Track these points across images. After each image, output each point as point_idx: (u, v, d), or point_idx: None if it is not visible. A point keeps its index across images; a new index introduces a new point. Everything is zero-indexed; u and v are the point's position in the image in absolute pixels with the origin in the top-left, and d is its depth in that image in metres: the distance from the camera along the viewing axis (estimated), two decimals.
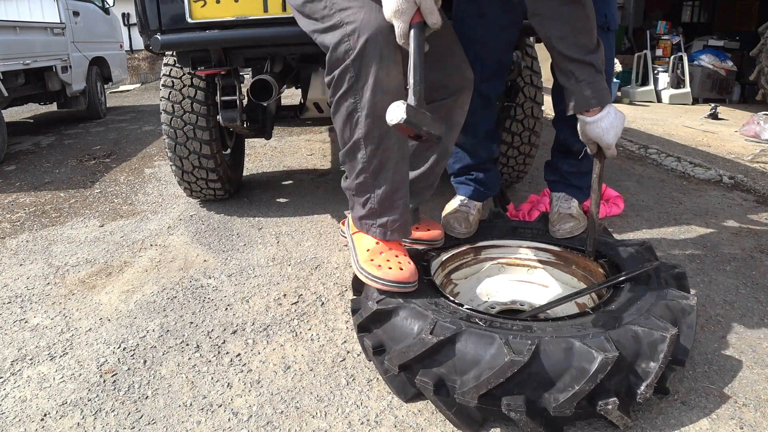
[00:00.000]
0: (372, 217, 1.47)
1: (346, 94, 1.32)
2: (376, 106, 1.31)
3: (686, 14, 9.36)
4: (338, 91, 1.33)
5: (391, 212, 1.45)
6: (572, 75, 1.45)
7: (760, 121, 4.41)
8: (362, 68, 1.28)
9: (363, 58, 1.26)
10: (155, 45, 2.04)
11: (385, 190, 1.43)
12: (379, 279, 1.38)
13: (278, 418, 1.31)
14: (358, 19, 1.25)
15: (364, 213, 1.48)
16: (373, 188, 1.43)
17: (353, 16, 1.26)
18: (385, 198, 1.43)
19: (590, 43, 1.43)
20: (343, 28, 1.28)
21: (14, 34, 4.50)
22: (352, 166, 1.44)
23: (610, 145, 1.48)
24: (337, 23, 1.29)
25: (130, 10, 5.18)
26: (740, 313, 1.71)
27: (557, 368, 1.12)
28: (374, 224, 1.47)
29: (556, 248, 1.74)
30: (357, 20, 1.26)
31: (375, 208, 1.45)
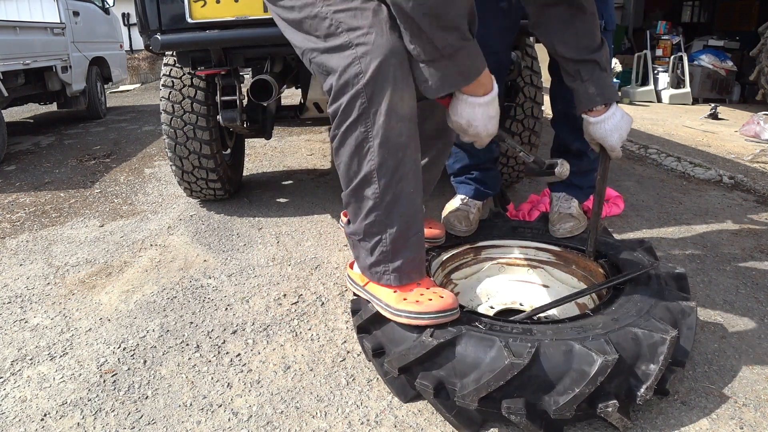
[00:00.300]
0: (384, 262, 1.30)
1: (355, 123, 1.19)
2: (391, 133, 1.19)
3: (686, 14, 9.37)
4: (346, 120, 1.20)
5: (405, 251, 1.29)
6: (577, 75, 1.45)
7: (760, 121, 4.41)
8: (375, 93, 1.16)
9: (376, 81, 1.15)
10: (155, 45, 2.05)
11: (399, 228, 1.27)
12: (424, 314, 1.23)
13: (278, 418, 1.31)
14: (370, 40, 1.15)
15: (375, 259, 1.30)
16: (386, 227, 1.27)
17: (365, 37, 1.16)
18: (398, 236, 1.27)
19: (593, 43, 1.43)
20: (353, 50, 1.16)
21: (14, 34, 4.50)
22: (358, 207, 1.28)
23: (614, 147, 1.46)
24: (346, 44, 1.17)
25: (130, 10, 5.18)
26: (740, 313, 1.71)
27: (557, 371, 1.12)
28: (387, 270, 1.30)
29: (556, 248, 1.74)
30: (369, 41, 1.15)
31: (387, 250, 1.28)
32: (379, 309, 1.32)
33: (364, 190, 1.25)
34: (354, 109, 1.18)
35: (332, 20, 1.19)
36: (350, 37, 1.16)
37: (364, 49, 1.15)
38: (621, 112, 1.45)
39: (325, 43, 1.20)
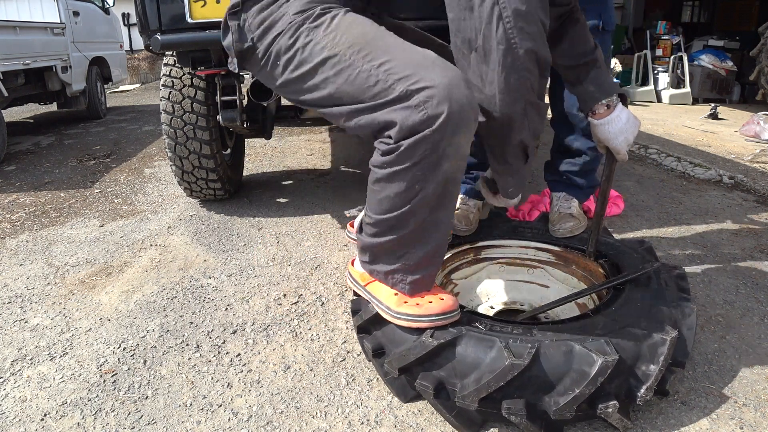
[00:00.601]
0: (404, 272, 1.27)
1: (414, 166, 1.11)
2: (449, 173, 1.15)
3: (686, 14, 9.37)
4: (403, 163, 1.11)
5: (428, 268, 1.27)
6: (577, 79, 1.46)
7: (760, 121, 4.41)
8: (444, 138, 1.08)
9: (448, 126, 1.07)
10: (155, 45, 2.04)
11: (429, 250, 1.24)
12: (424, 317, 1.23)
13: (278, 418, 1.31)
14: (435, 82, 1.06)
15: (394, 268, 1.27)
16: (416, 247, 1.23)
17: (426, 80, 1.07)
18: (426, 256, 1.25)
19: (587, 48, 1.45)
20: (415, 97, 1.06)
21: (14, 34, 4.50)
22: (390, 227, 1.22)
23: (619, 149, 1.46)
24: (404, 94, 1.07)
25: (130, 10, 5.18)
26: (740, 313, 1.71)
27: (557, 371, 1.12)
28: (404, 280, 1.27)
29: (556, 248, 1.74)
30: (434, 83, 1.06)
31: (411, 264, 1.25)
32: (379, 311, 1.32)
33: (407, 221, 1.20)
34: (416, 155, 1.10)
35: (377, 74, 1.10)
36: (407, 85, 1.08)
37: (429, 93, 1.06)
38: (627, 114, 1.45)
39: (374, 101, 1.11)
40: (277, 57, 1.22)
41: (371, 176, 1.20)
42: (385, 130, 1.12)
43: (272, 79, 1.28)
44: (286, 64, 1.21)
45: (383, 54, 1.12)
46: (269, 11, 1.22)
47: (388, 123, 1.10)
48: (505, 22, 1.10)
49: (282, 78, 1.24)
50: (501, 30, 1.11)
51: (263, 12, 1.23)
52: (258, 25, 1.24)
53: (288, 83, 1.24)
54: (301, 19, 1.18)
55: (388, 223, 1.21)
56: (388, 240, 1.24)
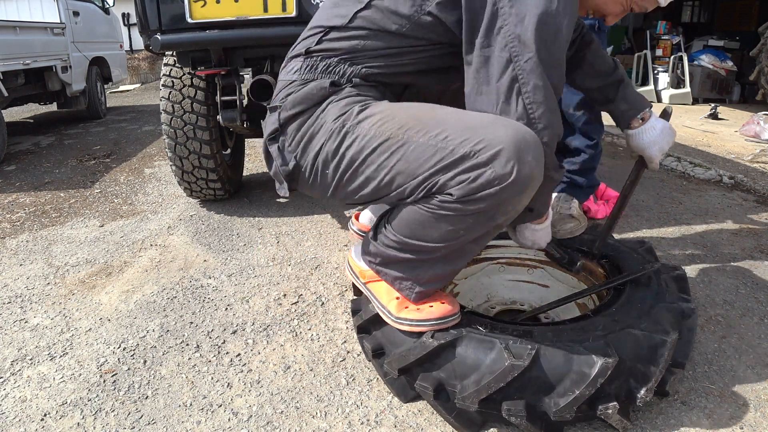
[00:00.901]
0: (413, 282, 1.25)
1: (467, 217, 1.08)
2: (500, 224, 1.13)
3: (686, 14, 9.36)
4: (458, 212, 1.08)
5: (438, 283, 1.25)
6: (606, 99, 1.49)
7: (760, 121, 4.41)
8: (509, 198, 1.05)
9: (515, 185, 1.03)
10: (155, 45, 2.04)
11: (448, 271, 1.23)
12: (425, 321, 1.22)
13: (278, 418, 1.31)
14: (501, 139, 1.03)
15: (404, 276, 1.25)
16: (436, 267, 1.21)
17: (490, 138, 1.03)
18: (443, 275, 1.23)
19: (608, 66, 1.49)
20: (480, 156, 1.03)
21: (14, 34, 4.50)
22: (416, 252, 1.20)
23: (653, 158, 1.47)
24: (468, 153, 1.04)
25: (130, 10, 5.17)
26: (740, 313, 1.71)
27: (557, 373, 1.12)
28: (412, 289, 1.25)
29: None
30: (500, 140, 1.03)
31: (423, 278, 1.23)
32: (379, 312, 1.31)
33: (435, 251, 1.18)
34: (474, 210, 1.07)
35: (436, 145, 1.07)
36: (470, 146, 1.04)
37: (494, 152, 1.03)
38: (662, 125, 1.46)
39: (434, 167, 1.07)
40: (325, 165, 1.21)
41: (411, 208, 1.15)
42: (442, 190, 1.08)
43: (325, 189, 1.25)
44: (335, 169, 1.19)
45: (437, 125, 1.09)
46: (307, 125, 1.22)
47: (448, 184, 1.06)
48: (525, 98, 1.09)
49: (335, 183, 1.21)
50: (521, 106, 1.09)
51: (301, 129, 1.23)
52: (298, 142, 1.24)
53: (342, 186, 1.21)
54: (341, 121, 1.17)
55: (414, 247, 1.18)
56: (408, 258, 1.21)
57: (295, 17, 2.01)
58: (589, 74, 1.50)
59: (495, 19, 1.09)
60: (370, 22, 1.20)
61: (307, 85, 1.23)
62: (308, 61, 1.25)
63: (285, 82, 1.29)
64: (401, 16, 1.18)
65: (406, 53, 1.23)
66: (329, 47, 1.24)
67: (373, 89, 1.25)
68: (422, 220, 1.13)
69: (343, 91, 1.21)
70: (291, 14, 2.01)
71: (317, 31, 1.26)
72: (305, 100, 1.22)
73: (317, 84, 1.22)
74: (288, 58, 1.33)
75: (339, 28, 1.22)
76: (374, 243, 1.28)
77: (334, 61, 1.23)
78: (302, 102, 1.23)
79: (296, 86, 1.25)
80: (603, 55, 1.49)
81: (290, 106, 1.24)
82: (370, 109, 1.17)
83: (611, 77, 1.48)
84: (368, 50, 1.22)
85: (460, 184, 1.05)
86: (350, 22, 1.21)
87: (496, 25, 1.09)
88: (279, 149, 1.27)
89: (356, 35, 1.21)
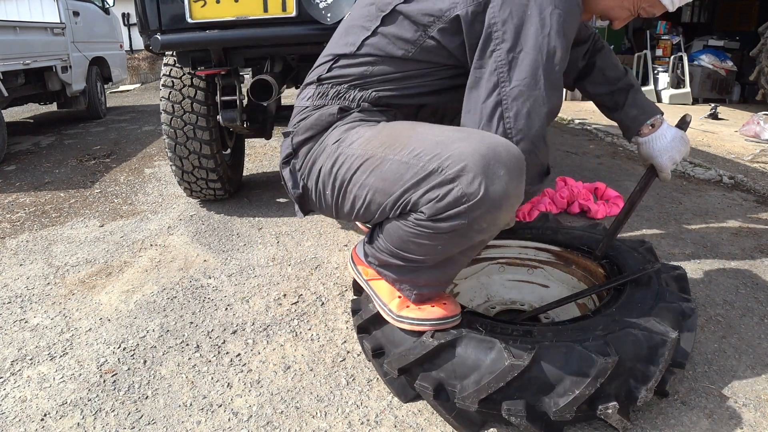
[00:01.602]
0: (411, 284, 1.25)
1: (442, 235, 1.07)
2: (480, 241, 1.13)
3: (686, 14, 9.36)
4: (432, 231, 1.06)
5: (436, 288, 1.26)
6: (616, 105, 1.49)
7: (760, 121, 4.41)
8: (480, 216, 1.02)
9: (485, 203, 1.00)
10: (155, 45, 2.04)
11: (443, 276, 1.23)
12: (426, 321, 1.22)
13: (278, 418, 1.31)
14: (467, 153, 1.01)
15: (402, 279, 1.26)
16: (430, 273, 1.21)
17: (456, 154, 1.01)
18: (438, 280, 1.23)
19: (619, 72, 1.49)
20: (447, 173, 1.01)
21: (14, 34, 4.50)
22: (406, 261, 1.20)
23: (663, 167, 1.44)
24: (435, 169, 1.03)
25: (130, 10, 5.18)
26: (740, 313, 1.71)
27: (557, 373, 1.12)
28: (411, 291, 1.26)
29: (556, 248, 1.74)
30: (465, 155, 1.00)
31: (419, 282, 1.24)
32: (380, 310, 1.31)
33: (422, 262, 1.18)
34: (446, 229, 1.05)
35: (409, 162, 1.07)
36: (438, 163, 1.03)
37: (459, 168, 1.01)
38: (674, 133, 1.44)
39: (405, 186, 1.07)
40: (324, 187, 1.23)
41: (394, 222, 1.15)
42: (417, 208, 1.07)
43: (329, 209, 1.27)
44: (332, 190, 1.22)
45: (413, 142, 1.09)
46: (314, 150, 1.26)
47: (419, 202, 1.05)
48: (506, 123, 1.10)
49: (332, 203, 1.23)
50: (501, 130, 1.11)
51: (309, 153, 1.27)
52: (306, 166, 1.28)
53: (339, 206, 1.22)
54: (338, 143, 1.21)
55: (403, 257, 1.19)
56: (400, 265, 1.22)
57: (295, 17, 2.01)
58: (599, 81, 1.50)
59: (489, 42, 1.12)
60: (378, 49, 1.23)
61: (318, 111, 1.27)
62: (320, 89, 1.29)
63: (299, 108, 1.32)
64: (406, 41, 1.20)
65: (414, 76, 1.25)
66: (340, 74, 1.27)
67: (382, 113, 1.27)
68: (403, 236, 1.13)
69: (350, 116, 1.24)
70: (291, 14, 2.01)
71: (328, 59, 1.30)
72: (315, 125, 1.26)
73: (326, 110, 1.26)
74: (303, 85, 1.37)
75: (348, 55, 1.26)
76: (370, 246, 1.30)
77: (344, 88, 1.27)
78: (312, 127, 1.27)
79: (308, 112, 1.29)
80: (614, 62, 1.50)
81: (302, 131, 1.28)
82: (364, 129, 1.20)
83: (621, 82, 1.48)
84: (377, 75, 1.25)
85: (429, 202, 1.04)
86: (358, 49, 1.25)
87: (489, 47, 1.12)
88: (291, 172, 1.31)
89: (365, 62, 1.24)
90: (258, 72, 2.37)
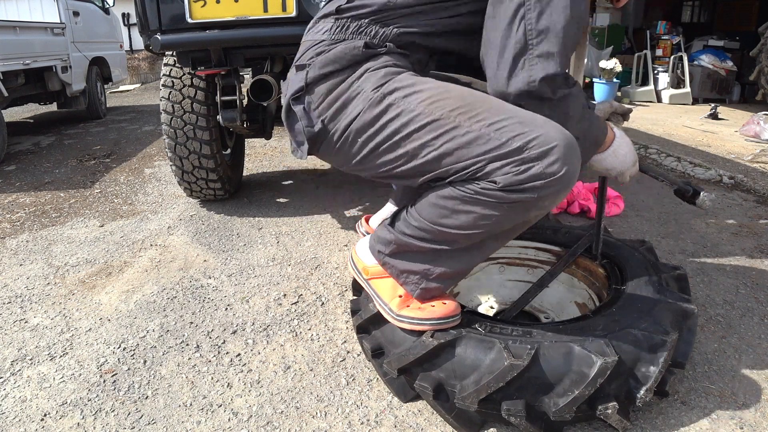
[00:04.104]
0: (421, 277, 1.24)
1: (504, 205, 1.08)
2: (530, 220, 1.14)
3: (686, 14, 9.36)
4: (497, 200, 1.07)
5: (446, 282, 1.24)
6: None
7: (760, 121, 4.41)
8: (548, 195, 1.05)
9: (558, 185, 1.04)
10: (155, 45, 2.04)
11: (462, 268, 1.23)
12: (426, 320, 1.22)
13: (278, 418, 1.31)
14: (554, 139, 1.04)
15: (412, 270, 1.24)
16: (450, 262, 1.20)
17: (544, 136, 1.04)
18: (454, 273, 1.23)
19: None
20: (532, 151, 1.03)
21: (14, 34, 4.50)
22: (439, 241, 1.18)
23: (620, 173, 1.37)
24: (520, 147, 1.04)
25: (130, 10, 5.18)
26: (740, 313, 1.71)
27: (557, 373, 1.12)
28: (418, 284, 1.24)
29: (556, 248, 1.74)
30: (554, 140, 1.04)
31: (433, 274, 1.22)
32: (381, 310, 1.31)
33: (459, 239, 1.16)
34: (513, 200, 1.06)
35: (489, 134, 1.07)
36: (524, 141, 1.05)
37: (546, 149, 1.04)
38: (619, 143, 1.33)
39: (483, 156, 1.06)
40: (359, 134, 1.18)
41: (443, 191, 1.13)
42: (487, 177, 1.07)
43: (350, 157, 1.22)
44: (370, 139, 1.16)
45: (491, 115, 1.09)
46: (340, 90, 1.19)
47: (495, 173, 1.06)
48: (527, 23, 1.09)
49: (365, 153, 1.19)
50: (521, 30, 1.09)
51: (332, 92, 1.20)
52: (328, 106, 1.21)
53: (375, 156, 1.18)
54: (381, 92, 1.15)
55: (436, 233, 1.16)
56: (428, 248, 1.19)
57: (295, 17, 2.01)
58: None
59: None
60: None
61: (339, 45, 1.20)
62: (339, 22, 1.23)
63: (312, 42, 1.25)
64: None
65: (438, 9, 1.21)
66: (360, 4, 1.21)
67: (405, 58, 1.24)
68: (454, 204, 1.12)
69: (380, 59, 1.19)
70: (291, 14, 2.00)
71: None
72: (338, 60, 1.19)
73: (350, 44, 1.19)
74: (315, 19, 1.30)
75: None
76: (391, 230, 1.26)
77: (365, 22, 1.21)
78: (334, 62, 1.19)
79: (326, 46, 1.21)
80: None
81: (320, 65, 1.19)
82: (418, 85, 1.15)
83: None
84: (399, 7, 1.20)
85: (506, 174, 1.05)
86: None
87: None
88: (305, 110, 1.23)
89: None
90: (258, 72, 2.37)
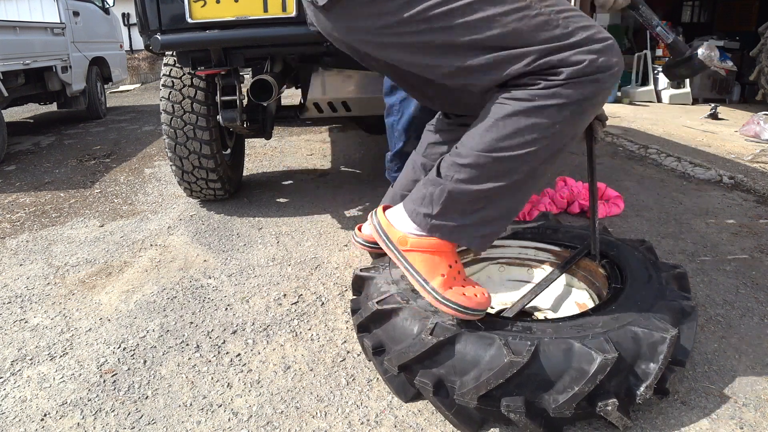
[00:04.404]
0: (477, 227, 1.20)
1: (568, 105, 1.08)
2: (581, 128, 1.17)
3: (686, 14, 9.36)
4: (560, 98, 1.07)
5: (501, 222, 1.22)
6: None
7: (760, 121, 4.41)
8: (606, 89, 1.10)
9: (613, 78, 1.09)
10: (155, 45, 2.04)
11: (516, 202, 1.21)
12: (470, 310, 1.19)
13: (278, 418, 1.31)
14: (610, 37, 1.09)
15: (466, 224, 1.19)
16: (507, 198, 1.18)
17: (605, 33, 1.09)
18: (510, 210, 1.21)
19: None
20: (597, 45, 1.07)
21: (14, 34, 4.50)
22: (497, 175, 1.14)
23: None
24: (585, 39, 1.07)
25: (130, 10, 5.18)
26: (740, 313, 1.71)
27: (557, 369, 1.12)
28: (474, 234, 1.21)
29: (556, 248, 1.74)
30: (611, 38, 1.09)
31: (488, 219, 1.19)
32: (419, 287, 1.24)
33: (521, 163, 1.13)
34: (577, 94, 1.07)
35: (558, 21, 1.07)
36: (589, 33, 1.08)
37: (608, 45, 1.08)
38: None
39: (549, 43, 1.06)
40: None
41: (499, 110, 1.11)
42: (552, 69, 1.07)
43: (382, 16, 1.10)
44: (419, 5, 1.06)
45: (559, 2, 1.10)
46: None
47: (561, 63, 1.06)
48: None
49: (406, 14, 1.07)
50: None
51: None
52: None
53: (414, 23, 1.08)
54: None
55: (496, 166, 1.13)
56: (483, 189, 1.15)
57: (294, 17, 2.01)
58: None
59: None
60: None
61: None
62: None
63: None
64: None
65: None
66: None
67: None
68: (514, 121, 1.09)
69: None
70: (291, 14, 2.00)
71: None
72: None
73: None
74: None
75: None
76: (437, 181, 1.20)
77: None
78: None
79: None
80: None
81: None
82: None
83: None
84: None
85: (571, 65, 1.06)
86: None
87: None
88: None
89: None
90: (258, 72, 2.37)
